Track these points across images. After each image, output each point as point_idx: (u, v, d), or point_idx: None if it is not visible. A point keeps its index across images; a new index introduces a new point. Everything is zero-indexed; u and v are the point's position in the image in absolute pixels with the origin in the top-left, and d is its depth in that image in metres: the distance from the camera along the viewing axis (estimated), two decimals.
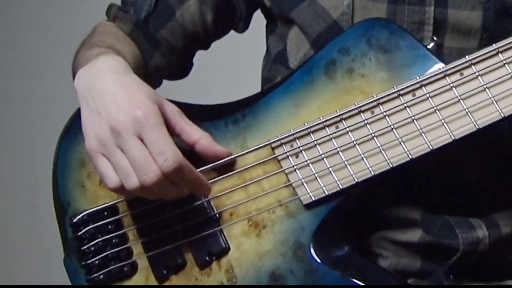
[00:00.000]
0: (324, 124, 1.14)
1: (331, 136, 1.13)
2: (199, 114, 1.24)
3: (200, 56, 1.56)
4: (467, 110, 1.09)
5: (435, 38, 1.22)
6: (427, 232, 1.23)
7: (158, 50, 1.42)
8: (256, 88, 1.40)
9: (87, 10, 2.45)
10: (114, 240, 1.23)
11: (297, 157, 1.16)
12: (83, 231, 1.23)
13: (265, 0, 1.36)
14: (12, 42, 2.85)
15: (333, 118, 1.13)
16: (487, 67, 1.09)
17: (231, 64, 1.85)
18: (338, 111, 1.13)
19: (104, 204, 1.25)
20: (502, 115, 1.08)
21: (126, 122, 1.10)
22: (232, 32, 1.54)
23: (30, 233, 2.56)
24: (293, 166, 1.15)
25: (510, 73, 1.08)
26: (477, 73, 1.09)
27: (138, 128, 1.10)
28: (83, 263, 1.23)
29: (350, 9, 1.28)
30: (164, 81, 1.54)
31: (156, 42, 1.42)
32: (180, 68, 1.49)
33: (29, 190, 2.52)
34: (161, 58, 1.43)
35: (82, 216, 1.24)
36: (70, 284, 1.28)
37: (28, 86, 2.77)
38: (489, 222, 1.23)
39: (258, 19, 1.48)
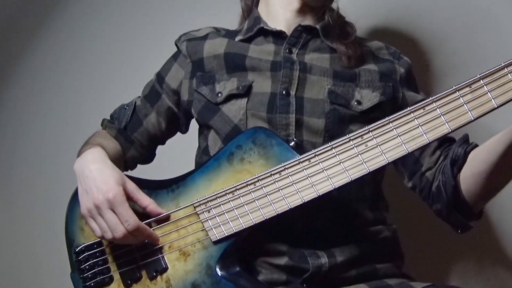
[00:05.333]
0: (225, 192, 1.62)
1: (229, 199, 1.61)
2: (150, 185, 1.73)
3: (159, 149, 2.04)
4: (312, 183, 1.55)
5: (294, 139, 1.66)
6: (290, 259, 1.65)
7: (133, 146, 1.96)
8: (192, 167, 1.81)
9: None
10: (99, 262, 1.72)
11: (209, 212, 1.63)
12: (81, 256, 1.73)
13: (193, 113, 1.84)
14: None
15: (230, 188, 1.61)
16: (325, 157, 1.55)
17: (178, 153, 2.21)
18: (234, 184, 1.61)
19: (94, 240, 1.74)
20: (334, 187, 1.54)
21: (103, 201, 1.62)
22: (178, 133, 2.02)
23: (49, 256, 2.75)
24: (206, 218, 1.63)
25: (339, 161, 1.54)
26: (318, 161, 1.55)
27: (111, 205, 1.62)
28: (81, 276, 1.71)
29: (245, 116, 1.74)
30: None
31: (131, 141, 1.96)
32: (147, 157, 2.04)
33: (49, 225, 2.57)
34: (135, 151, 1.97)
35: (81, 247, 1.74)
36: None
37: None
38: (329, 253, 1.65)
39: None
